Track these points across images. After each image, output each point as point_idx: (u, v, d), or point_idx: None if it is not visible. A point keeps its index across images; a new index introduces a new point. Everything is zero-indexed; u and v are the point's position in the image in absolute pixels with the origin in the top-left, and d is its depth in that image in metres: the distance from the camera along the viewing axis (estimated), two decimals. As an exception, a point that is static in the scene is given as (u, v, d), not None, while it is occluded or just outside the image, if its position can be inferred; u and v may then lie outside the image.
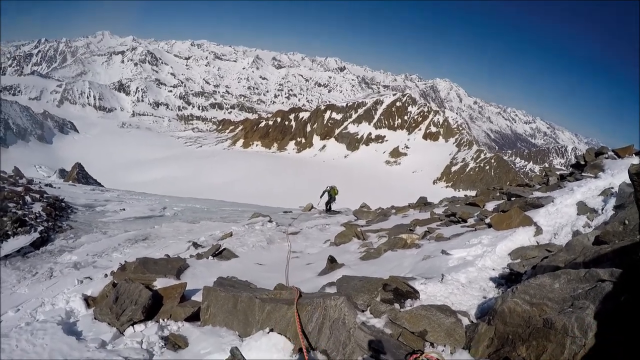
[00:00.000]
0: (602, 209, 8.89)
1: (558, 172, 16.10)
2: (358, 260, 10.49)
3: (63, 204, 20.85)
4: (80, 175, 54.96)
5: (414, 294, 5.75)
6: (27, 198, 18.91)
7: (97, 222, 19.65)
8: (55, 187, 26.37)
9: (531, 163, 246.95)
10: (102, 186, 46.87)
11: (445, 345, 4.50)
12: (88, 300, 7.83)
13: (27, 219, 16.47)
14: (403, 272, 7.66)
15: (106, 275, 10.25)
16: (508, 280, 6.36)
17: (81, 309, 7.47)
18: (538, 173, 22.46)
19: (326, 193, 27.47)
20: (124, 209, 22.95)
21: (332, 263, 9.64)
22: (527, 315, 4.09)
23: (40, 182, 26.13)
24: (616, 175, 10.36)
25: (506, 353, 4.05)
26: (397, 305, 5.30)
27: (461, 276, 6.43)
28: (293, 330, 4.88)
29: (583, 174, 13.42)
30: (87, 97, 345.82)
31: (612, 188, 9.64)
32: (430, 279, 6.41)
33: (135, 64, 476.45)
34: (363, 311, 5.11)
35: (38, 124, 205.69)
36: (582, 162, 15.31)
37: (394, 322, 4.77)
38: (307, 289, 6.41)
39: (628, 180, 8.82)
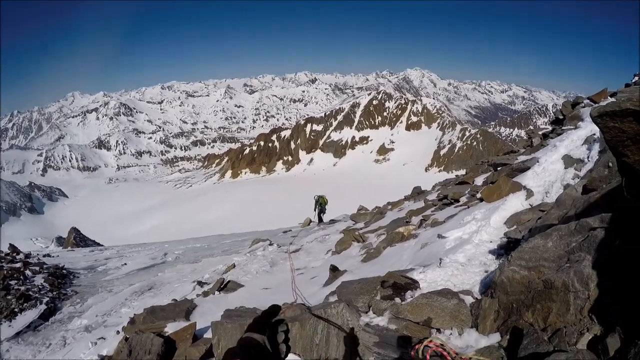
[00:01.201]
0: (588, 157, 8.89)
1: (541, 132, 16.11)
2: (360, 263, 10.45)
3: (64, 271, 20.61)
4: (78, 239, 54.52)
5: (413, 284, 5.67)
6: (27, 272, 18.71)
7: (101, 281, 19.42)
8: (53, 256, 26.07)
9: (516, 129, 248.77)
10: (101, 245, 46.56)
11: (452, 328, 4.42)
12: None
13: (30, 293, 16.28)
14: (403, 265, 7.61)
15: (118, 332, 10.26)
16: (507, 249, 6.28)
17: None
18: (524, 137, 22.56)
19: (317, 204, 27.49)
20: (125, 264, 22.69)
21: (335, 272, 9.61)
22: (526, 280, 4.04)
23: (38, 254, 25.87)
24: None
25: (514, 322, 3.98)
26: (397, 300, 5.23)
27: (459, 256, 6.36)
28: (301, 346, 4.81)
29: (563, 127, 13.40)
30: (70, 161, 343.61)
31: (594, 134, 9.64)
32: (428, 266, 6.35)
33: (111, 118, 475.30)
34: (366, 312, 5.04)
35: (26, 196, 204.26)
36: (561, 117, 15.35)
37: (396, 316, 4.69)
38: (315, 302, 6.38)
39: None
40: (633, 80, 12.88)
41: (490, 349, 3.80)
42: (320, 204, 27.92)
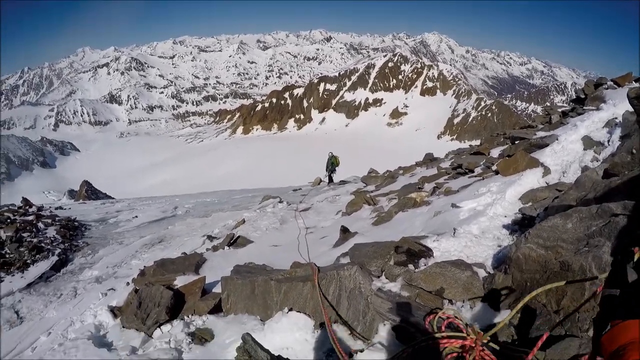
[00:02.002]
0: (608, 141, 8.74)
1: (560, 110, 15.90)
2: (370, 226, 10.46)
3: (76, 223, 20.85)
4: (90, 192, 54.87)
5: (427, 252, 5.67)
6: (40, 225, 18.90)
7: (112, 233, 19.63)
8: (65, 209, 26.24)
9: (532, 104, 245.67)
10: (112, 198, 46.85)
11: (464, 301, 4.42)
12: (114, 311, 7.81)
13: (43, 244, 16.49)
14: (415, 232, 7.60)
15: (128, 284, 10.27)
16: (521, 225, 6.25)
17: (109, 321, 7.47)
18: (540, 113, 22.22)
19: (329, 162, 27.47)
20: (136, 216, 22.88)
21: (345, 233, 9.62)
22: (542, 259, 4.02)
23: (50, 207, 26.02)
24: (618, 105, 10.11)
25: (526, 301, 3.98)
26: (411, 267, 5.22)
27: (473, 227, 6.33)
28: (312, 306, 4.84)
29: (585, 107, 13.20)
30: (81, 115, 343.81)
31: (616, 118, 9.44)
32: (442, 234, 6.34)
33: (122, 73, 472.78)
34: (378, 277, 5.03)
35: (38, 151, 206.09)
36: (582, 96, 15.11)
37: (409, 284, 4.69)
38: (324, 263, 6.36)
39: (631, 109, 8.72)
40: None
41: (501, 326, 3.82)
42: (332, 164, 27.87)
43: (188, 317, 6.38)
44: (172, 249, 14.83)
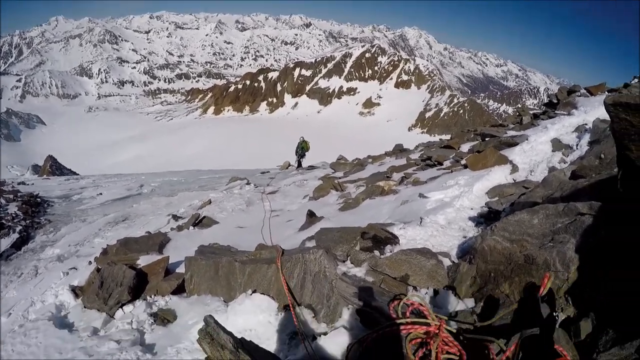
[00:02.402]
0: (577, 145, 9.03)
1: (531, 112, 16.20)
2: (337, 211, 10.46)
3: (38, 199, 20.38)
4: (54, 167, 53.57)
5: (393, 239, 5.69)
6: (1, 200, 18.40)
7: (75, 211, 19.25)
8: (28, 184, 25.62)
9: (504, 105, 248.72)
10: (77, 174, 45.88)
11: (428, 288, 4.44)
12: (76, 291, 7.66)
13: (3, 221, 16.08)
14: (382, 219, 7.62)
15: (90, 263, 10.05)
16: (487, 218, 6.35)
17: (70, 301, 7.32)
18: (512, 114, 22.55)
19: (299, 146, 27.46)
20: (100, 194, 22.49)
21: (312, 217, 9.58)
22: (507, 252, 4.05)
23: (12, 182, 25.41)
24: (589, 112, 10.48)
25: (489, 291, 4.01)
26: (377, 253, 5.23)
27: (440, 218, 6.39)
28: (276, 289, 4.82)
29: (556, 111, 13.57)
30: (49, 87, 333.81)
31: (586, 125, 9.76)
32: (409, 223, 6.37)
33: (95, 45, 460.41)
34: (343, 262, 5.01)
35: (3, 123, 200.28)
36: (555, 101, 15.47)
37: (374, 269, 4.69)
38: (289, 246, 6.34)
39: (602, 117, 9.07)
40: (632, 82, 12.97)
41: (464, 313, 3.84)
42: (302, 148, 27.84)
43: (151, 297, 6.33)
44: (136, 228, 14.57)
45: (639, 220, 3.20)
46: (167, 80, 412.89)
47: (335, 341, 3.70)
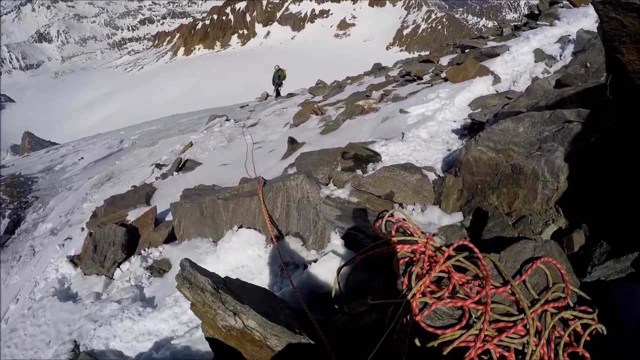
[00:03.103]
0: (561, 56, 8.89)
1: (512, 24, 15.94)
2: (318, 135, 10.41)
3: (21, 178, 19.97)
4: (33, 143, 51.94)
5: (375, 157, 5.58)
6: None
7: (60, 180, 18.94)
8: (8, 166, 25.03)
9: (484, 19, 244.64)
10: (57, 144, 44.96)
11: (414, 204, 4.35)
12: (74, 260, 7.71)
13: None
14: (363, 138, 7.52)
15: (83, 229, 9.95)
16: (471, 130, 6.27)
17: (71, 271, 7.42)
18: (492, 27, 22.18)
19: (275, 75, 27.05)
20: (82, 158, 22.16)
21: (293, 144, 9.54)
22: (493, 162, 3.94)
23: None
24: (573, 24, 10.30)
25: (477, 203, 3.94)
26: (359, 172, 5.12)
27: (422, 132, 6.29)
28: (261, 221, 4.68)
29: (538, 22, 13.38)
30: (10, 62, 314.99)
31: (570, 35, 9.59)
32: (390, 139, 6.27)
33: (48, 7, 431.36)
34: (326, 184, 4.87)
35: None
36: (537, 12, 15.24)
37: (358, 189, 4.57)
38: (273, 175, 6.30)
39: (587, 28, 8.89)
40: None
41: (453, 228, 3.76)
42: (279, 77, 27.39)
43: (145, 250, 6.41)
44: (121, 185, 14.37)
45: (631, 128, 3.06)
46: (130, 28, 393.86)
47: (326, 267, 3.62)
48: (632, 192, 2.90)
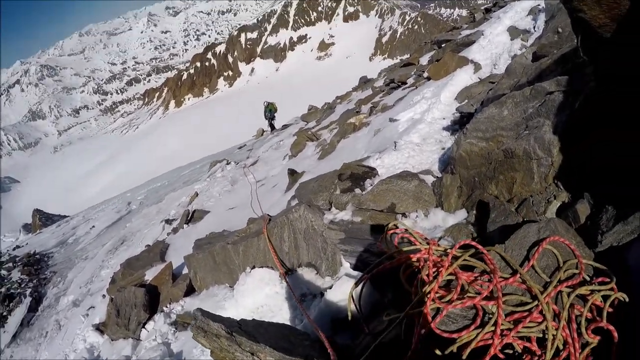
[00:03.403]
0: (534, 27, 8.90)
1: (483, 8, 16.00)
2: (316, 161, 10.45)
3: (37, 256, 20.04)
4: (44, 219, 52.43)
5: (371, 172, 5.57)
6: (2, 272, 18.13)
7: (75, 252, 18.98)
8: (23, 246, 25.11)
9: (457, 9, 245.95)
10: (67, 216, 45.56)
11: (417, 211, 4.32)
12: (100, 328, 7.83)
13: (12, 291, 15.83)
14: (359, 155, 7.54)
15: (104, 296, 10.12)
16: (461, 124, 6.23)
17: (98, 339, 7.53)
18: (466, 15, 22.33)
19: (267, 110, 27.21)
20: (93, 226, 22.17)
21: (293, 175, 9.61)
22: (485, 152, 3.92)
23: (8, 250, 25.01)
24: None
25: (478, 197, 3.90)
26: (358, 190, 5.11)
27: (413, 137, 6.27)
28: (272, 257, 4.68)
29: (506, 0, 13.33)
30: (9, 144, 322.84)
31: (539, 5, 9.59)
32: (384, 151, 6.27)
33: (36, 85, 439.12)
34: (329, 209, 4.87)
35: None
36: (505, -9, 15.22)
37: (359, 208, 4.55)
38: (279, 210, 6.35)
39: None
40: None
41: (459, 227, 3.72)
42: (270, 111, 27.55)
43: (167, 307, 6.44)
44: (135, 246, 14.38)
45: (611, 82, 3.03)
46: (119, 91, 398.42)
47: (342, 291, 3.59)
48: (621, 147, 2.85)
